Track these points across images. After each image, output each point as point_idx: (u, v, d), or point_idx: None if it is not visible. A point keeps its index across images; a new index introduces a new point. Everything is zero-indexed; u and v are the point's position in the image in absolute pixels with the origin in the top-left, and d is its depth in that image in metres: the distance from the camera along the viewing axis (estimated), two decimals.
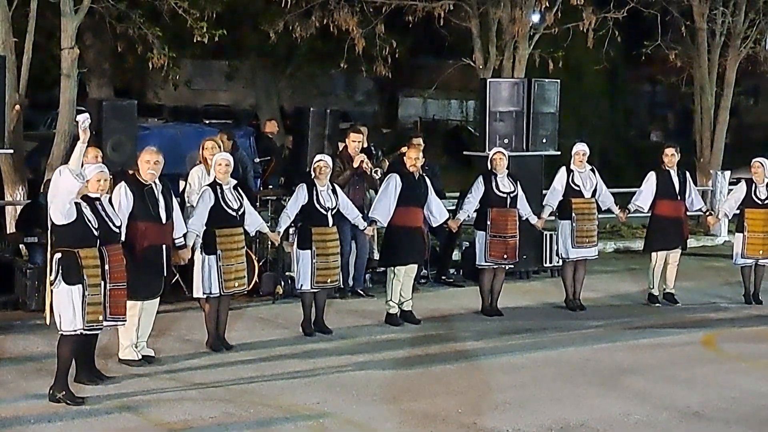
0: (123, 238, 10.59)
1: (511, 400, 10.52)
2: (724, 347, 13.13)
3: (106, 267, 10.04)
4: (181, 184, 14.07)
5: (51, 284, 9.90)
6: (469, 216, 14.36)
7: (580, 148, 14.63)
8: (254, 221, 12.36)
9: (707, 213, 15.75)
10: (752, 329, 13.96)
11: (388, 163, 15.40)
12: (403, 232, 13.34)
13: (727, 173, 22.53)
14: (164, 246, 11.16)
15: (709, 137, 22.94)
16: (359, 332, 13.15)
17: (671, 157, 14.99)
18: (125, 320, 10.50)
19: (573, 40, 20.43)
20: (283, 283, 14.55)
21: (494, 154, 14.21)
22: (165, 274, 11.31)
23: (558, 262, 15.84)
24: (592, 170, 14.67)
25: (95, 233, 9.94)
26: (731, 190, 17.25)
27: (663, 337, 13.33)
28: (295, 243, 12.77)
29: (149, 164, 10.99)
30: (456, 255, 16.93)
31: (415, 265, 13.70)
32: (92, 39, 21.43)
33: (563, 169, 14.59)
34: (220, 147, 13.55)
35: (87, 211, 9.91)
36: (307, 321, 12.84)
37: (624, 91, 35.03)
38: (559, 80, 17.46)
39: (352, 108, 37.71)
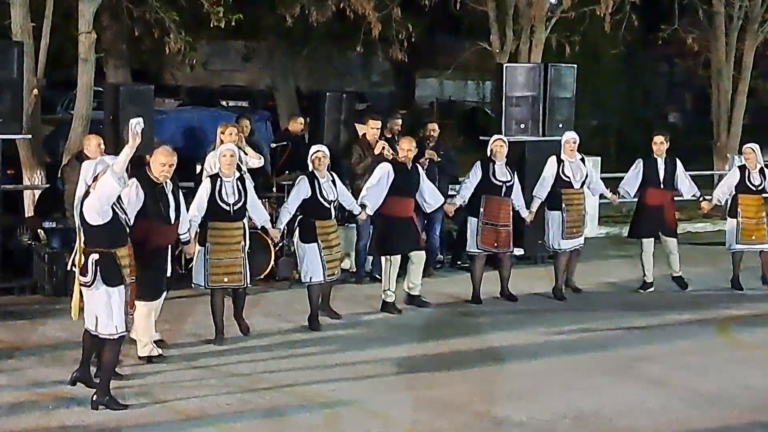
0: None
1: (526, 388, 10.57)
2: (738, 334, 13.15)
3: None
4: (197, 168, 14.12)
5: (87, 285, 9.49)
6: (464, 201, 14.27)
7: (570, 137, 14.58)
8: (259, 216, 12.26)
9: (701, 198, 15.62)
10: (766, 315, 13.95)
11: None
12: (394, 221, 13.33)
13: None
14: (169, 246, 10.98)
15: (726, 121, 22.90)
16: (374, 318, 13.21)
17: (660, 145, 14.93)
18: (133, 313, 10.23)
19: (590, 24, 20.36)
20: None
21: (494, 141, 14.11)
22: (169, 274, 11.06)
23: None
24: (582, 160, 14.62)
25: (127, 231, 9.72)
26: None
27: (677, 324, 13.36)
28: (297, 236, 12.66)
29: (164, 167, 10.51)
30: None
31: (422, 252, 13.67)
32: (109, 21, 21.45)
33: (553, 159, 14.52)
34: (240, 134, 13.65)
35: (118, 209, 9.60)
36: (314, 316, 12.68)
37: (641, 73, 34.90)
38: (575, 65, 17.40)
39: (368, 89, 37.64)
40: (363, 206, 13.23)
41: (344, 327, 12.75)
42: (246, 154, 13.85)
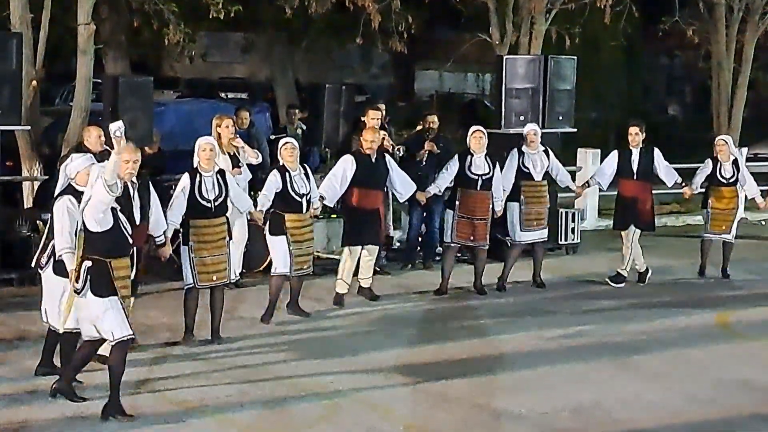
0: None
1: (524, 381, 10.57)
2: (738, 327, 13.14)
3: None
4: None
5: (77, 292, 9.24)
6: (439, 190, 14.22)
7: (531, 128, 14.55)
8: (242, 204, 12.10)
9: (683, 184, 15.56)
10: (766, 308, 13.93)
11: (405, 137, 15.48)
12: (360, 213, 13.31)
13: (744, 150, 22.44)
14: (135, 249, 10.12)
15: (726, 113, 22.83)
16: (373, 310, 13.21)
17: (635, 136, 14.75)
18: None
19: (590, 16, 20.31)
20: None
21: (473, 133, 13.90)
22: (133, 278, 10.12)
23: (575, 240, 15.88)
24: (545, 151, 14.57)
25: (129, 241, 9.43)
26: (747, 166, 17.12)
27: (677, 317, 13.34)
28: (267, 229, 12.54)
29: (128, 164, 9.55)
30: None
31: (376, 247, 13.65)
32: (108, 12, 21.42)
33: (515, 151, 14.45)
34: (236, 126, 13.62)
35: (122, 216, 9.30)
36: (270, 310, 12.46)
37: (641, 65, 34.91)
38: (575, 57, 17.43)
39: (367, 81, 37.64)
40: (321, 198, 12.99)
41: (343, 319, 12.74)
42: (244, 151, 13.80)
